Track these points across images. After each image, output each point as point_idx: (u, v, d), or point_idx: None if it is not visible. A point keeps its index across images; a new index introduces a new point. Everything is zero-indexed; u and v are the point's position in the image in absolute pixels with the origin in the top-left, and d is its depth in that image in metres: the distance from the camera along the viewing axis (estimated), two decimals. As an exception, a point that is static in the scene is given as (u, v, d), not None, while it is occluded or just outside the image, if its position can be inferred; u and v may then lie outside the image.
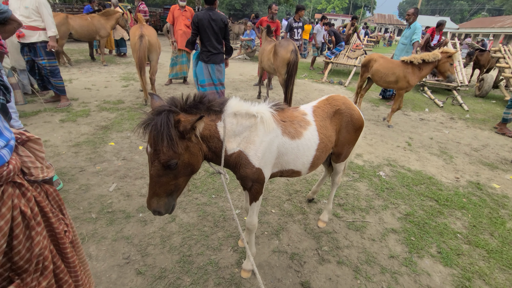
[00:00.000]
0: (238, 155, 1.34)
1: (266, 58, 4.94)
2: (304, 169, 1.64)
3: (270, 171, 1.53)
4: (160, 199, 1.15)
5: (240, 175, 1.42)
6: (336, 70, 10.13)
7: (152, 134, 1.05)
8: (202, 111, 1.19)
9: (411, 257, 2.06)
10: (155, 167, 1.09)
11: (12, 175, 0.76)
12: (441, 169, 3.47)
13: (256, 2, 41.08)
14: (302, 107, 1.73)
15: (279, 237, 2.15)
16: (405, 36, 5.65)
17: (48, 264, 0.88)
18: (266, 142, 1.38)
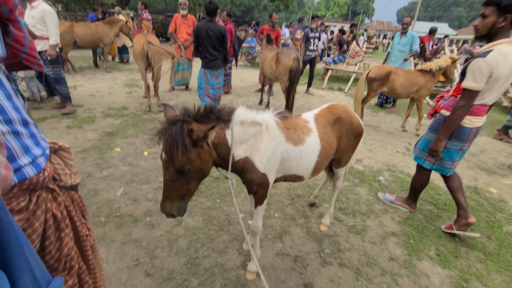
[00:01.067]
0: (245, 161, 1.43)
1: (268, 65, 5.06)
2: (306, 174, 1.72)
3: (274, 176, 1.61)
4: (173, 202, 1.23)
5: (246, 180, 1.50)
6: (336, 76, 10.27)
7: (167, 143, 1.13)
8: (213, 120, 1.27)
9: (410, 259, 2.12)
10: (170, 173, 1.17)
11: (46, 181, 0.84)
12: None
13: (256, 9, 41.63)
14: (304, 115, 1.82)
15: (282, 240, 2.21)
16: (403, 43, 5.79)
17: (74, 264, 0.96)
18: (271, 148, 1.46)
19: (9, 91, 0.75)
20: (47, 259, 0.86)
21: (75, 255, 0.96)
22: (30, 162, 0.77)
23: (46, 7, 3.78)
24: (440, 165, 2.39)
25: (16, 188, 0.74)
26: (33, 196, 0.81)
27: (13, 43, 0.80)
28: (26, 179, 0.76)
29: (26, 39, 0.83)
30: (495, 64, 1.85)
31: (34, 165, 0.78)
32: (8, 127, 0.71)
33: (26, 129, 0.78)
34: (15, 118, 0.74)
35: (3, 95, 0.72)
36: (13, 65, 0.94)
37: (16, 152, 0.73)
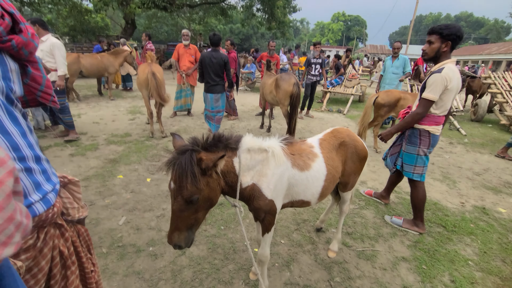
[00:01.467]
0: (252, 188, 1.42)
1: (268, 91, 5.19)
2: (313, 199, 1.70)
3: (282, 202, 1.59)
4: (181, 233, 1.21)
5: (253, 207, 1.48)
6: (334, 99, 10.48)
7: (177, 172, 1.13)
8: (221, 149, 1.29)
9: (424, 286, 2.03)
10: (178, 202, 1.16)
11: (55, 217, 0.83)
12: (445, 194, 3.50)
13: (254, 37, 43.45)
14: (309, 140, 1.84)
15: (290, 269, 2.13)
16: (396, 66, 6.08)
17: None
18: (278, 174, 1.46)
19: (24, 128, 0.76)
20: None
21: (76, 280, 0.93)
22: (40, 199, 0.77)
23: (55, 40, 3.96)
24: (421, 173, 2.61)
25: None
26: (41, 233, 0.80)
27: (30, 82, 0.84)
28: (36, 216, 0.75)
29: (43, 78, 0.87)
30: (449, 78, 2.21)
31: (44, 201, 0.78)
32: (22, 164, 0.72)
33: (38, 165, 0.79)
34: (28, 155, 0.75)
35: (18, 133, 0.73)
36: (28, 101, 0.97)
37: (28, 189, 0.74)
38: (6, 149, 0.68)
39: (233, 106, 6.62)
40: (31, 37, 0.76)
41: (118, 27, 24.69)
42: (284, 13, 17.59)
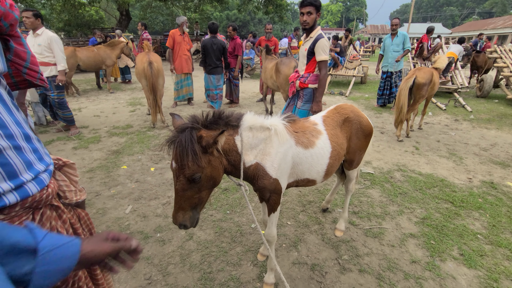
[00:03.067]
0: (256, 167, 1.39)
1: (268, 76, 5.07)
2: (319, 177, 1.67)
3: (286, 181, 1.57)
4: (185, 213, 1.19)
5: (258, 187, 1.46)
6: (336, 81, 10.31)
7: (177, 151, 1.10)
8: (221, 126, 1.25)
9: (433, 261, 2.03)
10: (181, 182, 1.14)
11: (50, 198, 0.81)
12: (452, 170, 3.46)
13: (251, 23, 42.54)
14: (312, 117, 1.79)
15: (297, 249, 2.14)
16: (396, 43, 5.92)
17: (82, 284, 0.91)
18: (281, 153, 1.43)
19: (10, 105, 0.73)
20: None
21: (83, 276, 0.92)
22: (32, 178, 0.74)
23: (52, 34, 3.88)
24: None
25: (18, 207, 0.71)
26: (37, 214, 0.78)
27: (14, 58, 0.80)
28: (29, 197, 0.73)
29: (27, 53, 0.83)
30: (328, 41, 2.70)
31: (37, 181, 0.75)
32: (9, 142, 0.69)
33: (29, 144, 0.76)
34: (16, 132, 0.72)
35: (3, 109, 0.70)
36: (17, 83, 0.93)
37: (18, 168, 0.71)
38: None
39: (237, 93, 6.54)
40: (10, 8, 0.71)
41: (113, 19, 24.27)
42: (281, -5, 17.10)
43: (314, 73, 2.84)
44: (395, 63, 6.02)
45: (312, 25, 2.66)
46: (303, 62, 2.85)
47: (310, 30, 2.71)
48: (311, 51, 2.71)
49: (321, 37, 2.64)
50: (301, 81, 2.88)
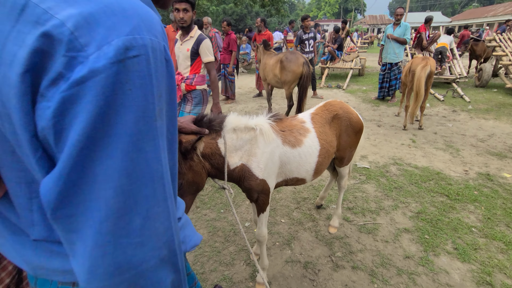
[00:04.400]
0: (241, 169, 1.37)
1: (271, 73, 4.81)
2: (308, 176, 1.65)
3: (275, 181, 1.55)
4: None
5: (245, 188, 1.44)
6: (333, 74, 10.22)
7: None
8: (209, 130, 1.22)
9: (427, 256, 2.02)
10: None
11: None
12: (448, 163, 3.44)
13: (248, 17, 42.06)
14: (300, 115, 1.76)
15: (291, 247, 2.13)
16: (398, 34, 5.82)
17: None
18: (267, 153, 1.40)
19: None
20: None
21: None
22: None
23: None
24: None
25: None
26: None
27: None
28: None
29: None
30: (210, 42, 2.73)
31: None
32: None
33: None
34: None
35: None
36: None
37: None
38: None
39: (233, 89, 6.48)
40: None
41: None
42: (277, -13, 16.83)
43: (200, 73, 2.80)
44: (392, 54, 5.94)
45: (189, 23, 2.56)
46: (187, 64, 2.75)
47: (188, 28, 2.61)
48: (195, 51, 2.66)
49: (204, 38, 2.64)
50: (188, 83, 2.74)
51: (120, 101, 0.35)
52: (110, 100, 0.35)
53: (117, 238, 0.38)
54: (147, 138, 0.39)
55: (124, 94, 0.35)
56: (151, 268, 0.41)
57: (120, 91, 0.35)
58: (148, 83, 0.38)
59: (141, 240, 0.40)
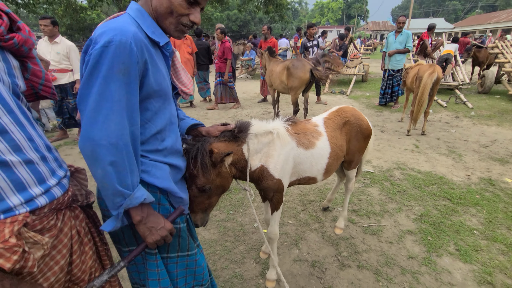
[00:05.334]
0: (261, 169, 1.48)
1: (278, 79, 4.93)
2: (319, 175, 1.76)
3: (288, 181, 1.66)
4: (196, 215, 1.28)
5: (262, 187, 1.55)
6: (337, 80, 10.34)
7: (190, 161, 1.17)
8: (230, 138, 1.34)
9: (429, 256, 2.10)
10: (192, 190, 1.22)
11: (70, 201, 0.91)
12: (451, 168, 3.52)
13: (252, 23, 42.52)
14: (314, 119, 1.88)
15: (298, 246, 2.22)
16: (399, 41, 5.94)
17: (98, 275, 1.01)
18: (283, 154, 1.52)
19: (32, 120, 0.83)
20: (75, 272, 0.92)
21: (99, 267, 1.02)
22: (56, 183, 0.84)
23: (70, 43, 4.04)
24: None
25: (46, 208, 0.81)
26: (60, 214, 0.88)
27: (31, 77, 0.89)
28: (55, 199, 0.83)
29: (42, 72, 0.92)
30: None
31: (60, 186, 0.86)
32: (37, 153, 0.79)
33: (50, 154, 0.86)
34: (40, 144, 0.81)
35: (28, 124, 0.79)
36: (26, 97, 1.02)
37: (46, 175, 0.81)
38: (24, 140, 0.75)
39: (234, 95, 6.60)
40: (29, 34, 0.81)
41: (115, 23, 24.49)
42: (281, -5, 17.08)
43: None
44: (394, 61, 6.05)
45: None
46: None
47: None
48: None
49: None
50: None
51: (100, 62, 0.80)
52: (96, 61, 0.80)
53: (91, 123, 0.81)
54: (108, 80, 0.81)
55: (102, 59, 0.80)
56: (101, 146, 0.81)
57: (100, 58, 0.80)
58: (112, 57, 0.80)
59: (101, 127, 0.80)
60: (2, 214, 0.70)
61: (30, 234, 0.75)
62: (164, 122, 1.01)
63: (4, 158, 0.70)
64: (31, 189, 0.76)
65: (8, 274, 0.70)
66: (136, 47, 0.83)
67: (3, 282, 0.68)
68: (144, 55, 0.87)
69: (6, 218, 0.71)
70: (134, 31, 0.84)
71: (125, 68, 0.81)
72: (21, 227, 0.73)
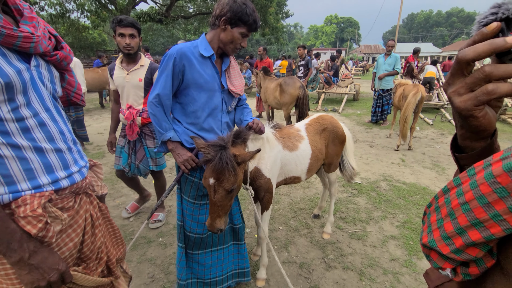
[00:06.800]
0: (255, 170, 1.67)
1: (271, 96, 5.29)
2: (303, 174, 1.95)
3: (276, 181, 1.84)
4: (221, 219, 1.41)
5: (256, 186, 1.72)
6: (329, 99, 10.74)
7: (216, 168, 1.31)
8: (240, 143, 1.51)
9: (410, 259, 2.24)
10: (220, 194, 1.35)
11: (87, 187, 1.07)
12: (434, 180, 3.71)
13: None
14: (296, 124, 2.09)
15: (288, 250, 2.34)
16: (388, 63, 6.31)
17: (103, 255, 1.14)
18: (272, 156, 1.71)
19: (65, 119, 1.01)
20: (85, 250, 1.06)
21: (105, 249, 1.16)
22: (77, 171, 1.01)
23: (75, 59, 4.28)
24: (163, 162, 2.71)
25: (67, 190, 0.97)
26: (77, 198, 1.03)
27: (67, 86, 1.08)
28: (74, 183, 0.99)
29: (75, 82, 1.12)
30: None
31: (80, 173, 1.02)
32: (65, 144, 0.97)
33: (75, 146, 1.03)
34: (69, 138, 0.99)
35: (62, 121, 0.97)
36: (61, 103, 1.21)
37: (69, 162, 0.98)
38: (56, 133, 0.92)
39: None
40: (69, 52, 1.01)
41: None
42: (277, 19, 17.98)
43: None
44: (383, 81, 6.41)
45: (136, 50, 2.27)
46: (139, 95, 2.37)
47: (135, 56, 2.31)
48: (149, 81, 2.35)
49: (157, 66, 2.33)
50: (144, 116, 2.41)
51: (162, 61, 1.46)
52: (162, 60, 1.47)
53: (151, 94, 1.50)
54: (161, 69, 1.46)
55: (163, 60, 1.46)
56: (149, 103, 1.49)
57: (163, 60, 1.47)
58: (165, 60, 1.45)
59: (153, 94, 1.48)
60: (34, 189, 0.86)
61: (53, 209, 0.91)
62: (198, 106, 1.51)
63: (40, 145, 0.87)
64: (57, 172, 0.92)
65: (33, 238, 0.84)
66: (177, 56, 1.41)
67: (29, 244, 0.82)
68: (182, 61, 1.42)
69: (36, 193, 0.86)
70: (180, 47, 1.43)
71: (168, 65, 1.43)
72: (46, 202, 0.88)
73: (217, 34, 1.48)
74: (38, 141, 0.88)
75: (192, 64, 1.43)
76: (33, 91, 0.88)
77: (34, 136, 0.88)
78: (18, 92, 0.84)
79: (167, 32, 25.06)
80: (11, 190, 0.84)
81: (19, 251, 0.81)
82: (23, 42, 0.84)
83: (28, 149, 0.86)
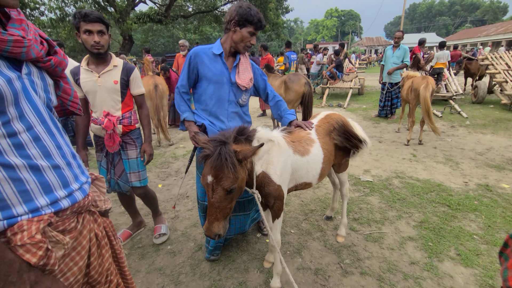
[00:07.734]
0: (263, 175, 1.56)
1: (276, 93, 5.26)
2: (314, 180, 1.85)
3: (287, 187, 1.73)
4: (220, 222, 1.31)
5: (264, 193, 1.61)
6: (334, 94, 10.58)
7: (215, 164, 1.22)
8: (244, 140, 1.42)
9: (431, 261, 2.13)
10: (218, 194, 1.26)
11: (90, 205, 0.98)
12: (448, 175, 3.58)
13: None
14: None
15: (301, 255, 2.25)
16: (397, 56, 6.09)
17: (113, 278, 1.06)
18: (282, 161, 1.60)
19: (61, 131, 0.92)
20: (92, 274, 0.97)
21: (114, 271, 1.07)
22: (78, 188, 0.92)
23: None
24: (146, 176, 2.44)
25: (68, 211, 0.88)
26: (80, 217, 0.94)
27: (62, 94, 0.99)
28: (76, 202, 0.90)
29: (71, 90, 1.02)
30: None
31: (81, 190, 0.93)
32: (64, 160, 0.87)
33: (75, 161, 0.94)
34: (67, 152, 0.90)
35: (58, 134, 0.88)
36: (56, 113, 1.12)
37: (69, 180, 0.89)
38: (53, 147, 0.83)
39: None
40: (63, 57, 0.92)
41: (116, 44, 25.23)
42: (277, 14, 17.77)
43: (134, 109, 2.29)
44: (393, 74, 6.21)
45: (106, 48, 1.97)
46: (116, 99, 2.09)
47: (106, 55, 2.00)
48: (125, 83, 2.10)
49: (133, 67, 2.16)
50: (126, 123, 2.17)
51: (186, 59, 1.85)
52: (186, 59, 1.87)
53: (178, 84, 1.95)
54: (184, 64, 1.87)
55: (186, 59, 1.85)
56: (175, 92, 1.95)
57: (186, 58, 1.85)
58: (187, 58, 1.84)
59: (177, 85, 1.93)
60: (31, 213, 0.77)
61: (53, 233, 0.82)
62: (208, 95, 1.85)
63: (36, 162, 0.78)
64: (57, 191, 0.84)
65: (33, 268, 0.76)
66: (192, 55, 1.81)
67: (29, 274, 0.74)
68: (196, 59, 1.81)
69: (33, 217, 0.77)
70: (195, 49, 1.84)
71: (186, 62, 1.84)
72: (46, 226, 0.80)
73: (229, 36, 1.79)
74: (34, 158, 0.79)
75: (203, 61, 1.80)
76: (26, 102, 0.79)
77: (29, 153, 0.79)
78: (9, 103, 0.75)
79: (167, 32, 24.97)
80: (5, 215, 0.75)
81: (19, 284, 0.72)
82: (13, 47, 0.74)
83: (22, 168, 0.77)
